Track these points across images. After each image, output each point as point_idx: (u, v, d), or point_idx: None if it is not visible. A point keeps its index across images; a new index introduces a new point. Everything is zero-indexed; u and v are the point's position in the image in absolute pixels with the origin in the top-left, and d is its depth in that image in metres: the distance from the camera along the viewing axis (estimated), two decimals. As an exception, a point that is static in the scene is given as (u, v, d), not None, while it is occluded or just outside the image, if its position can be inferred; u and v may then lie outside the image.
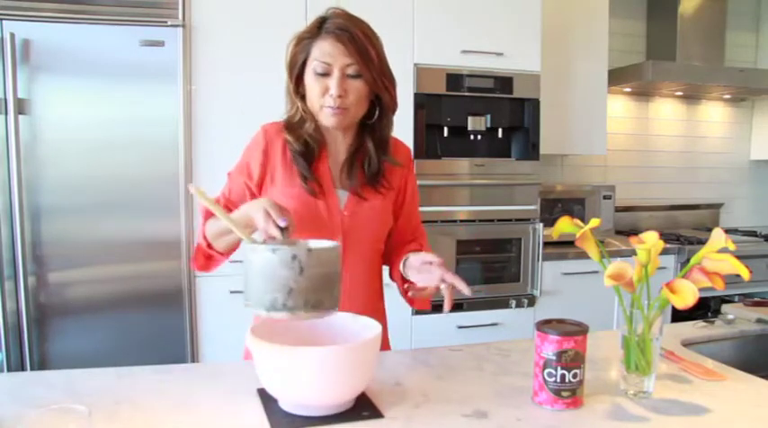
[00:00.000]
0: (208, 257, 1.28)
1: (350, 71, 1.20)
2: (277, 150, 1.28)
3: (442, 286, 1.12)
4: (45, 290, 2.13)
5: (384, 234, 1.35)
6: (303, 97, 1.26)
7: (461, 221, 2.66)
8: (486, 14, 2.64)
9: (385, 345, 1.39)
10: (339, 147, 1.32)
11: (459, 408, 0.98)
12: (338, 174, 1.30)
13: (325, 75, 1.20)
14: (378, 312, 1.35)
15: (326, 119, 1.23)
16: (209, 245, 1.25)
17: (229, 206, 1.26)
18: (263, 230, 1.03)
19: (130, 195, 2.19)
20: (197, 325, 2.31)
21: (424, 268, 1.17)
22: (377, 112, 1.28)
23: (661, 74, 3.21)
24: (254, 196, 1.28)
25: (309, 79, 1.22)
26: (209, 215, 1.25)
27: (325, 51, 1.19)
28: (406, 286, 1.26)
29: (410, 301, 1.34)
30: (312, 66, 1.21)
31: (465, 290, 1.09)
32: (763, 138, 3.95)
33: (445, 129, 2.66)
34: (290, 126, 1.28)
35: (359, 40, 1.19)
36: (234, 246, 1.26)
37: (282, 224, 1.02)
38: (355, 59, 1.18)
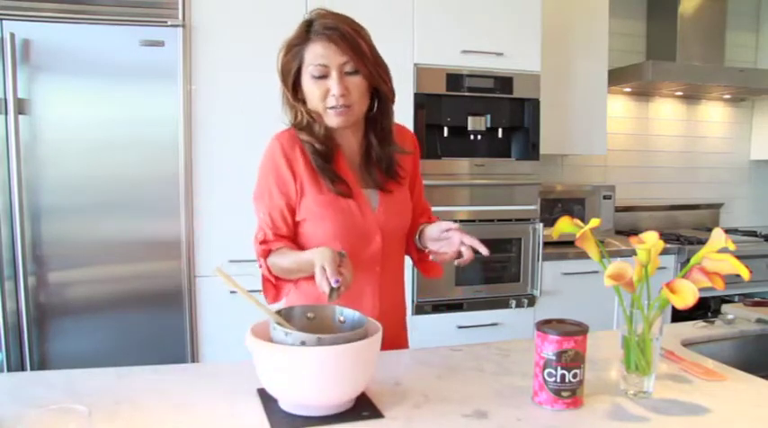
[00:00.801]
0: (277, 287, 1.30)
1: (347, 68, 1.20)
2: (298, 159, 1.26)
3: (463, 248, 1.20)
4: (45, 290, 2.12)
5: (410, 219, 1.38)
6: (304, 102, 1.26)
7: (461, 221, 2.66)
8: (486, 14, 2.64)
9: (403, 342, 1.44)
10: (352, 146, 1.32)
11: (459, 408, 0.98)
12: (357, 174, 1.31)
13: (323, 77, 1.20)
14: (402, 303, 1.41)
15: (332, 120, 1.23)
16: (277, 278, 1.27)
17: (279, 234, 1.28)
18: (317, 284, 1.08)
19: (130, 195, 2.19)
20: (197, 325, 2.31)
21: (443, 236, 1.26)
22: (376, 105, 1.29)
23: (661, 74, 3.21)
24: (294, 214, 1.29)
25: (308, 84, 1.22)
26: (266, 253, 1.26)
27: (318, 54, 1.19)
28: (427, 251, 1.31)
29: (424, 271, 1.43)
30: (308, 71, 1.21)
31: (483, 250, 1.19)
32: (763, 138, 3.95)
33: (445, 129, 2.65)
34: (302, 129, 1.27)
35: (349, 37, 1.19)
36: (303, 277, 1.27)
37: (334, 284, 1.05)
38: (350, 56, 1.19)
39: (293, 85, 1.25)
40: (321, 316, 1.08)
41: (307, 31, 1.21)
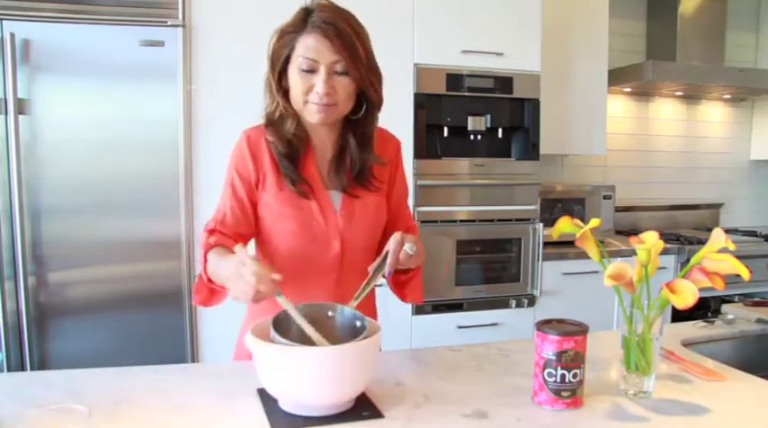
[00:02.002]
0: (211, 291, 1.19)
1: (337, 68, 1.14)
2: (264, 154, 1.23)
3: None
4: (45, 290, 2.12)
5: (380, 231, 1.30)
6: (285, 93, 1.20)
7: (461, 221, 2.66)
8: (486, 14, 2.64)
9: None
10: (325, 144, 1.26)
11: (459, 408, 0.98)
12: (326, 173, 1.26)
13: (311, 71, 1.14)
14: (371, 313, 1.33)
15: (312, 115, 1.18)
16: (210, 280, 1.17)
17: (223, 231, 1.20)
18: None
19: (130, 195, 2.19)
20: (197, 325, 2.31)
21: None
22: (363, 108, 1.23)
23: (661, 74, 3.21)
24: (256, 208, 1.23)
25: (294, 76, 1.17)
26: (208, 247, 1.17)
27: (310, 47, 1.13)
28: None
29: (401, 295, 1.33)
30: (297, 63, 1.15)
31: (387, 267, 1.09)
32: (763, 138, 3.95)
33: (445, 129, 2.65)
34: (271, 124, 1.23)
35: (346, 35, 1.13)
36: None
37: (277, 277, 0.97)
38: (342, 56, 1.13)
39: (280, 73, 1.19)
40: (341, 316, 1.05)
41: (303, 20, 1.15)
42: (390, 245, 1.10)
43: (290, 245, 1.21)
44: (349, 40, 1.13)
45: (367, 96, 1.21)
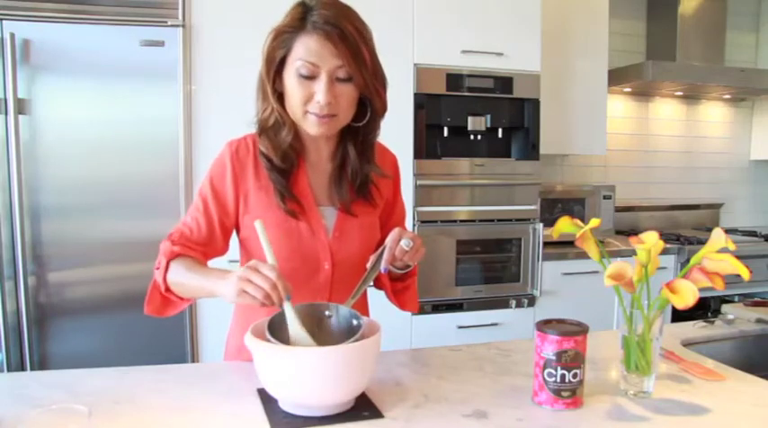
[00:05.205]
0: (166, 301, 1.14)
1: (339, 74, 1.05)
2: (248, 172, 1.15)
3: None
4: (45, 290, 2.12)
5: (373, 247, 1.22)
6: (280, 96, 1.11)
7: (461, 221, 2.66)
8: (486, 14, 2.64)
9: None
10: (321, 155, 1.19)
11: (459, 408, 0.98)
12: (321, 189, 1.19)
13: (310, 77, 1.05)
14: (364, 313, 1.28)
15: (312, 127, 1.09)
16: (168, 289, 1.11)
17: (187, 245, 1.13)
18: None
19: (130, 195, 2.19)
20: (197, 325, 2.31)
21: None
22: (368, 115, 1.14)
23: (661, 74, 3.21)
24: (226, 231, 1.17)
25: (291, 81, 1.07)
26: (173, 255, 1.11)
27: (311, 50, 1.03)
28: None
29: (400, 304, 1.29)
30: (295, 67, 1.05)
31: (382, 262, 1.06)
32: (763, 137, 3.95)
33: (445, 129, 2.65)
34: (265, 132, 1.14)
35: (351, 39, 1.03)
36: (198, 296, 1.13)
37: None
38: (346, 61, 1.03)
39: (273, 76, 1.10)
40: (338, 315, 1.05)
41: (302, 19, 1.04)
42: (387, 241, 1.07)
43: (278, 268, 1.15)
44: (354, 43, 1.04)
45: (371, 103, 1.13)
